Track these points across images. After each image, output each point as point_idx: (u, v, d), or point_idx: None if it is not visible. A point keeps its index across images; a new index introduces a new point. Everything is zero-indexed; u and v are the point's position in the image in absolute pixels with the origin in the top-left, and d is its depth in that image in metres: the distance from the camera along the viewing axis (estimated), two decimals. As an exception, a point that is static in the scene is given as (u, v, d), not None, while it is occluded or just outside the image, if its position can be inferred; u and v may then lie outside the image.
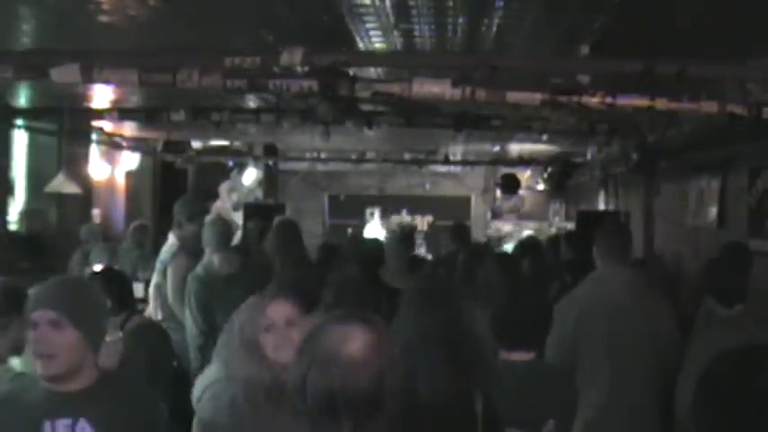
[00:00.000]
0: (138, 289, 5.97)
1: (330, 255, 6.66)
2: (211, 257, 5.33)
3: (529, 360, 3.11)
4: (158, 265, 5.65)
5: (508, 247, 10.32)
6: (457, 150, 11.21)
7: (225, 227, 5.54)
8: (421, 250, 11.47)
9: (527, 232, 11.84)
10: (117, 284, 4.01)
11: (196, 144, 10.80)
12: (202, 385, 2.72)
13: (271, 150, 11.79)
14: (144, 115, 7.21)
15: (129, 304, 4.02)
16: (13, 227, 7.93)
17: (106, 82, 4.78)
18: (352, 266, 5.52)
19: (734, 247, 5.10)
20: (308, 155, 12.27)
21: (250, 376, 2.55)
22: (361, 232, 12.63)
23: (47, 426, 2.36)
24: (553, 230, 12.60)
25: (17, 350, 3.30)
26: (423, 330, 2.69)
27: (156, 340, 3.97)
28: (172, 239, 5.71)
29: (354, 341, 1.69)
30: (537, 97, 4.39)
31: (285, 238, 5.99)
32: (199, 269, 5.29)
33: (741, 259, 4.66)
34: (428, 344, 2.66)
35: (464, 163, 12.29)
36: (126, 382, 2.77)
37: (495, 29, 4.06)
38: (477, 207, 14.39)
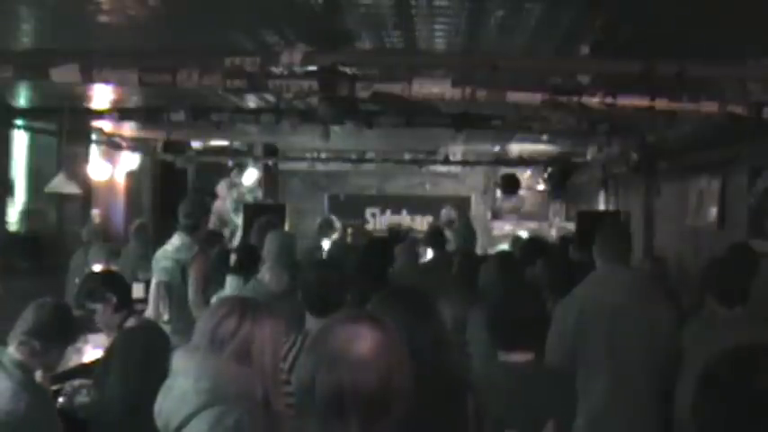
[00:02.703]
0: (138, 289, 5.97)
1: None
2: (264, 274, 5.07)
3: (527, 361, 3.11)
4: (169, 264, 5.55)
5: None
6: (457, 150, 11.21)
7: (284, 240, 5.28)
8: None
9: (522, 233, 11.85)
10: (116, 285, 4.03)
11: (196, 144, 10.81)
12: (186, 414, 2.27)
13: (271, 150, 11.79)
14: (144, 115, 7.21)
15: (128, 304, 4.03)
16: (13, 227, 7.93)
17: (106, 82, 4.79)
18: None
19: (737, 248, 5.09)
20: (308, 155, 12.27)
21: (245, 391, 2.30)
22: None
23: None
24: (553, 231, 12.61)
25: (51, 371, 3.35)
26: (406, 332, 2.68)
27: (154, 341, 3.96)
28: (186, 239, 5.62)
29: (363, 340, 1.69)
30: (537, 97, 4.40)
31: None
32: (252, 285, 5.08)
33: (743, 260, 4.66)
34: (415, 346, 2.65)
35: (464, 163, 12.28)
36: None
37: (495, 29, 4.06)
38: (477, 207, 14.38)
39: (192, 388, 2.25)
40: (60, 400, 3.90)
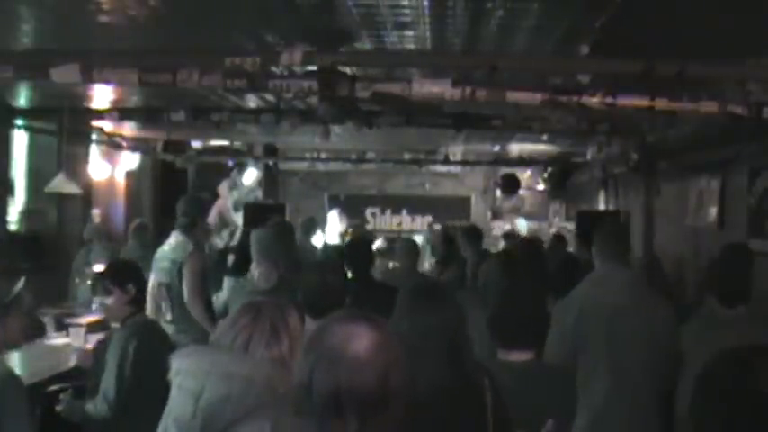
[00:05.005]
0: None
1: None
2: (252, 271, 5.20)
3: (527, 360, 3.11)
4: (168, 265, 5.55)
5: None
6: (457, 150, 11.21)
7: (265, 237, 5.33)
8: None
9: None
10: (139, 278, 4.12)
11: (196, 144, 10.81)
12: (230, 419, 2.15)
13: (271, 150, 11.79)
14: (144, 115, 7.21)
15: (141, 301, 4.07)
16: (13, 227, 7.93)
17: (106, 82, 4.79)
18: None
19: (736, 247, 5.09)
20: (307, 155, 12.28)
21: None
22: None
23: None
24: (553, 231, 12.61)
25: (14, 346, 3.33)
26: (422, 327, 2.69)
27: (150, 340, 3.95)
28: (180, 238, 5.62)
29: (360, 340, 1.69)
30: (537, 97, 4.39)
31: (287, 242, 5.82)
32: (241, 282, 5.22)
33: (743, 260, 4.66)
34: (430, 340, 2.66)
35: (464, 163, 12.28)
36: None
37: (495, 29, 4.06)
38: (477, 207, 14.38)
39: (238, 392, 2.13)
40: (60, 400, 3.90)
